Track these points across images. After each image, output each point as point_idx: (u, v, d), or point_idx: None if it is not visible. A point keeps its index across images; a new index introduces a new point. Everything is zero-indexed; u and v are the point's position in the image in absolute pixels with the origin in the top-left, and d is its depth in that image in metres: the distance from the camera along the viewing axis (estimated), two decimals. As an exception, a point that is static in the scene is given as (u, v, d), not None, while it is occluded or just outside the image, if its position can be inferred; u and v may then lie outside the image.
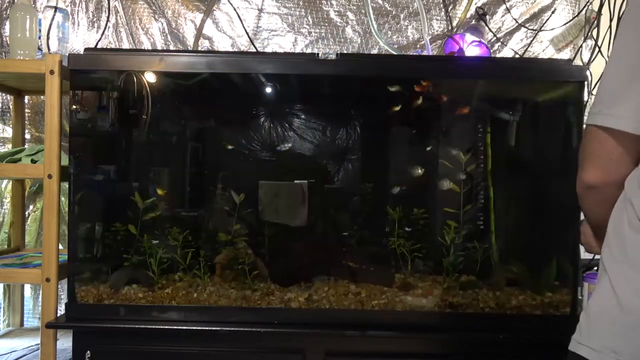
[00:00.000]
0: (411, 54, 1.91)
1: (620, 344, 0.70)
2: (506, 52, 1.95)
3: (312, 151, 1.63)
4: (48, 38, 1.50)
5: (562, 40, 1.94)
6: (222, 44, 1.91)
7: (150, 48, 1.88)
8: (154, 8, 1.89)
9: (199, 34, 1.90)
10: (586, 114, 1.92)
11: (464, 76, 1.45)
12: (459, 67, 1.44)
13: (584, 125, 1.01)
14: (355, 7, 1.92)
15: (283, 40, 1.91)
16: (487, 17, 1.91)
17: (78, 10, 1.87)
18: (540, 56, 1.95)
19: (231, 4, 1.87)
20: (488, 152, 1.50)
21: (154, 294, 1.35)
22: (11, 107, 1.80)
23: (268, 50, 1.90)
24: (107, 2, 1.84)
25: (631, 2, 0.77)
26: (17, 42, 1.46)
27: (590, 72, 1.90)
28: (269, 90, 1.57)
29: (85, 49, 1.40)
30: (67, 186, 1.35)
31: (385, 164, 1.63)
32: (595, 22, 1.90)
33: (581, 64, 1.80)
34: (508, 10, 1.94)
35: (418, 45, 1.92)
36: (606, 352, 0.71)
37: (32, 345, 1.60)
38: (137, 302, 1.33)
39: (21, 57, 1.45)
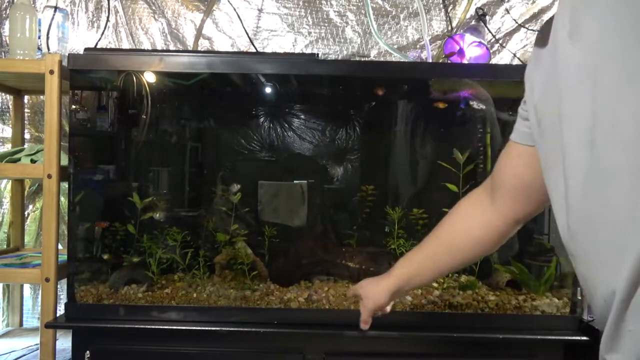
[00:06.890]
0: (410, 54, 1.91)
1: None
2: (505, 53, 1.95)
3: (311, 151, 1.63)
4: (48, 38, 1.50)
5: (562, 40, 1.94)
6: (222, 44, 1.91)
7: (150, 48, 1.88)
8: (153, 8, 1.89)
9: (199, 34, 1.89)
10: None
11: (461, 77, 1.46)
12: (456, 69, 1.45)
13: None
14: (355, 8, 1.92)
15: (283, 40, 1.91)
16: (487, 17, 1.91)
17: (78, 10, 1.87)
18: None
19: (231, 4, 1.87)
20: (488, 152, 1.50)
21: (154, 294, 1.35)
22: (11, 106, 1.80)
23: (268, 50, 1.90)
24: (106, 2, 1.84)
25: None
26: (17, 42, 1.46)
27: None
28: (268, 90, 1.57)
29: (85, 49, 1.40)
30: (66, 186, 1.35)
31: (383, 164, 1.63)
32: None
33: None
34: (507, 11, 1.93)
35: (418, 46, 1.92)
36: None
37: (31, 345, 1.60)
38: (136, 302, 1.33)
39: (21, 57, 1.45)
